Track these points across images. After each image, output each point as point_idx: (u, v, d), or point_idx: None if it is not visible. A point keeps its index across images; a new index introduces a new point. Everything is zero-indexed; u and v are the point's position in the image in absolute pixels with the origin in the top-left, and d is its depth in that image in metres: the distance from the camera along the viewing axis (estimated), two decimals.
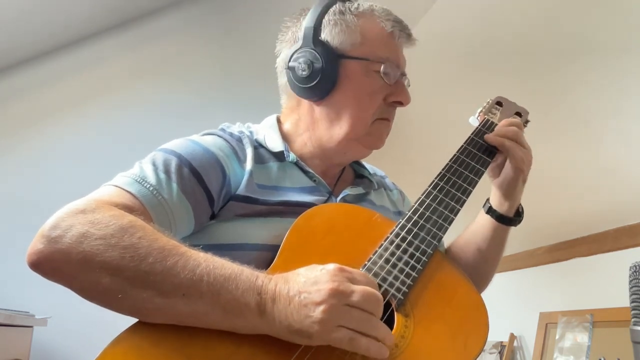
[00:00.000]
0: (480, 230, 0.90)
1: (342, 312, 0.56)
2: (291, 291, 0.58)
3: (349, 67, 0.82)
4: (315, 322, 0.55)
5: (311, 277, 0.58)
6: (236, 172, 0.78)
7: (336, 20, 0.83)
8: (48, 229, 0.59)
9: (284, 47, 0.88)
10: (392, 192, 1.00)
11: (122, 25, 2.10)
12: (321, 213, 0.75)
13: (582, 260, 2.16)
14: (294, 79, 0.83)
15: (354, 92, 0.82)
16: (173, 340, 0.57)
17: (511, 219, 0.87)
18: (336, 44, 0.82)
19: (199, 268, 0.58)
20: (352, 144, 0.85)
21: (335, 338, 0.56)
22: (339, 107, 0.83)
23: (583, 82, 1.82)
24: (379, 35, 0.84)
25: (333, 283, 0.57)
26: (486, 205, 0.89)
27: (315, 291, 0.57)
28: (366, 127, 0.83)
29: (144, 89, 2.09)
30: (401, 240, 0.72)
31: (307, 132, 0.87)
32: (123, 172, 0.72)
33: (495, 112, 0.94)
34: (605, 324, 1.90)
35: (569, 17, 1.73)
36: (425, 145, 2.49)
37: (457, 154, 0.85)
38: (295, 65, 0.82)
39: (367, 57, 0.82)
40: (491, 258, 0.91)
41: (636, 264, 0.78)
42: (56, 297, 1.67)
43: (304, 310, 0.56)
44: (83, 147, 1.97)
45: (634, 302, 0.76)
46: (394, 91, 0.84)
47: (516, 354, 2.36)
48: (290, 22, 0.89)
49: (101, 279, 0.57)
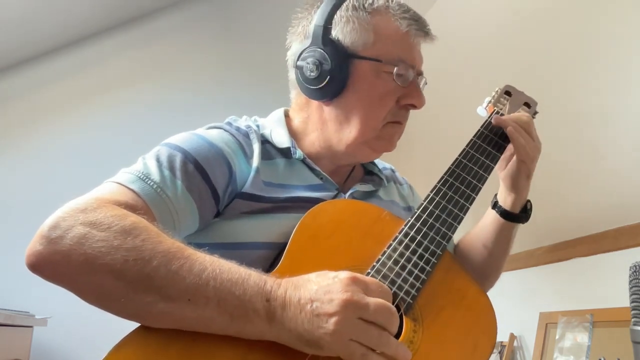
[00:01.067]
0: (487, 226, 0.87)
1: (355, 325, 0.54)
2: (302, 299, 0.56)
3: (360, 67, 0.78)
4: (327, 334, 0.54)
5: (323, 285, 0.56)
6: (242, 168, 0.76)
7: (348, 17, 0.78)
8: (47, 229, 0.57)
9: (294, 41, 0.84)
10: (403, 187, 0.97)
11: (122, 25, 2.10)
12: (328, 210, 0.73)
13: (582, 260, 2.16)
14: (301, 79, 0.79)
15: (364, 94, 0.78)
16: (178, 346, 0.56)
17: (516, 216, 0.84)
18: (347, 42, 0.78)
19: (205, 272, 0.56)
20: (361, 147, 0.81)
21: (347, 352, 0.55)
22: (348, 109, 0.79)
23: (583, 82, 1.82)
24: (394, 35, 0.79)
25: (346, 293, 0.55)
26: (493, 201, 0.87)
27: (328, 301, 0.55)
28: (376, 130, 0.80)
29: (144, 89, 2.09)
30: (410, 240, 0.70)
31: (315, 131, 0.84)
32: (126, 168, 0.70)
33: (505, 103, 0.91)
34: (605, 324, 1.89)
35: (570, 14, 1.73)
36: (428, 142, 2.49)
37: (466, 148, 0.81)
38: (303, 64, 0.78)
39: (380, 58, 0.78)
40: (497, 255, 0.88)
41: (636, 264, 0.78)
42: (56, 297, 1.66)
43: (316, 321, 0.54)
44: (83, 146, 1.97)
45: (634, 302, 0.76)
46: (407, 93, 0.80)
47: (516, 354, 2.36)
48: (302, 13, 0.84)
49: (103, 282, 0.55)
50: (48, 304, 1.63)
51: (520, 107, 0.91)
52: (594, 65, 1.74)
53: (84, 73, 2.05)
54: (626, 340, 0.75)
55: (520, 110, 0.90)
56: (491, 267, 0.89)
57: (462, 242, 0.94)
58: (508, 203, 0.83)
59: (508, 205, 0.83)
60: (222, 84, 2.17)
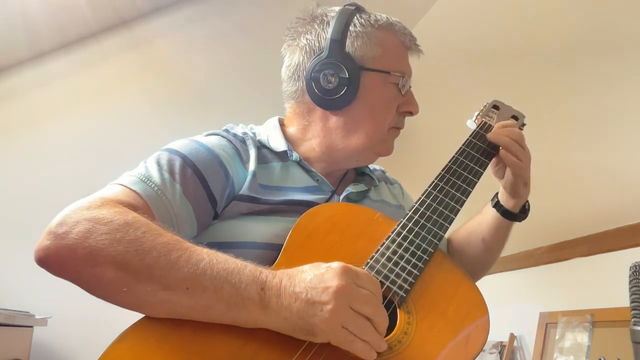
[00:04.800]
0: (485, 222, 0.93)
1: (347, 314, 0.57)
2: (297, 287, 0.58)
3: (368, 78, 0.84)
4: (322, 321, 0.56)
5: (317, 275, 0.59)
6: (239, 173, 0.79)
7: (358, 33, 0.85)
8: (55, 226, 0.61)
9: (297, 53, 0.87)
10: (394, 186, 1.03)
11: (122, 25, 2.10)
12: (323, 212, 0.77)
13: (582, 260, 2.16)
14: (316, 90, 0.83)
15: (373, 104, 0.85)
16: (179, 336, 0.58)
17: (515, 215, 0.90)
18: (358, 56, 0.84)
19: (202, 262, 0.59)
20: (366, 152, 0.88)
21: (338, 338, 0.58)
22: (357, 117, 0.85)
23: (584, 82, 1.82)
24: (397, 49, 0.88)
25: (340, 282, 0.58)
26: (494, 200, 0.92)
27: (322, 289, 0.58)
28: (382, 136, 0.87)
29: (143, 89, 2.10)
30: (403, 239, 0.74)
31: (316, 138, 0.88)
32: (129, 172, 0.73)
33: (492, 116, 0.96)
34: (605, 324, 1.90)
35: (568, 17, 1.73)
36: (424, 147, 2.49)
37: (455, 155, 0.86)
38: (319, 76, 0.83)
39: (388, 70, 0.85)
40: (494, 249, 0.95)
41: (636, 264, 0.78)
42: (56, 297, 1.67)
43: (310, 308, 0.57)
44: (83, 146, 1.98)
45: (634, 302, 0.76)
46: (405, 101, 0.88)
47: (516, 354, 2.36)
48: (302, 27, 0.88)
49: (106, 273, 0.58)
50: (48, 304, 1.63)
51: (507, 120, 0.94)
52: (594, 66, 1.74)
53: (84, 73, 2.05)
54: (626, 340, 0.75)
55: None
56: (487, 259, 0.96)
57: (456, 236, 0.99)
58: (510, 205, 0.89)
59: (510, 206, 0.89)
60: (222, 83, 2.18)
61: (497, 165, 0.89)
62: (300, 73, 0.86)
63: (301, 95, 0.88)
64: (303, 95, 0.87)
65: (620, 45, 1.63)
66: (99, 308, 0.60)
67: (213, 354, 0.58)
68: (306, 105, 0.88)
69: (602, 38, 1.68)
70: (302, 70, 0.86)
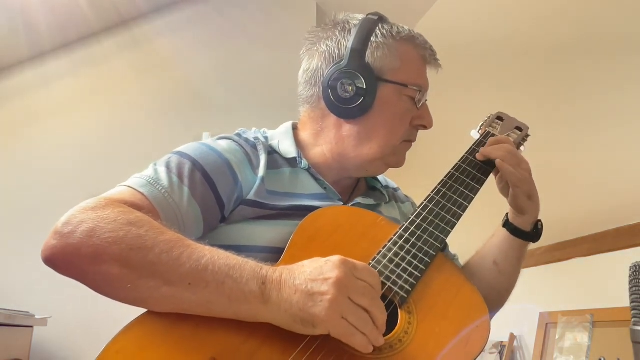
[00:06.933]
0: (496, 243, 0.90)
1: (346, 304, 0.58)
2: (297, 280, 0.59)
3: (385, 90, 0.84)
4: (322, 311, 0.57)
5: (317, 267, 0.60)
6: (248, 178, 0.80)
7: (379, 44, 0.84)
8: (61, 226, 0.62)
9: (316, 58, 0.87)
10: (404, 205, 1.00)
11: (123, 25, 2.10)
12: (327, 214, 0.77)
13: (582, 260, 2.16)
14: (333, 98, 0.84)
15: (388, 115, 0.85)
16: (182, 330, 0.59)
17: (526, 234, 0.87)
18: (377, 67, 0.84)
19: (204, 259, 0.60)
20: (376, 162, 0.87)
21: (338, 329, 0.58)
22: (371, 127, 0.85)
23: (584, 83, 1.82)
24: (416, 63, 0.87)
25: (339, 273, 0.59)
26: (504, 219, 0.90)
27: (321, 280, 0.59)
28: (394, 148, 0.87)
29: (144, 89, 2.10)
30: (405, 242, 0.74)
31: (328, 144, 0.88)
32: (137, 174, 0.74)
33: (496, 127, 0.96)
34: (605, 324, 1.90)
35: (571, 16, 1.73)
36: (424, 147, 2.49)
37: (463, 156, 0.87)
38: (337, 84, 0.83)
39: (405, 83, 0.85)
40: (507, 272, 0.90)
41: (636, 264, 0.78)
42: (56, 297, 1.67)
43: (310, 300, 0.58)
44: (83, 147, 1.98)
45: (634, 302, 0.76)
46: (420, 115, 0.88)
47: (516, 354, 2.36)
48: (323, 33, 0.88)
49: (111, 270, 0.59)
50: (48, 304, 1.63)
51: (511, 131, 0.95)
52: (594, 66, 1.74)
53: (84, 73, 2.05)
54: (626, 340, 0.75)
55: (511, 134, 0.94)
56: (502, 284, 0.91)
57: (470, 261, 0.96)
58: (518, 222, 0.87)
59: (518, 223, 0.87)
60: (222, 84, 2.17)
61: (501, 183, 0.88)
62: (317, 79, 0.86)
63: (317, 101, 0.87)
64: (319, 101, 0.87)
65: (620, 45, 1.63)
66: (98, 308, 0.61)
67: (215, 349, 0.58)
68: (321, 111, 0.88)
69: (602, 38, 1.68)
70: (319, 76, 0.86)
